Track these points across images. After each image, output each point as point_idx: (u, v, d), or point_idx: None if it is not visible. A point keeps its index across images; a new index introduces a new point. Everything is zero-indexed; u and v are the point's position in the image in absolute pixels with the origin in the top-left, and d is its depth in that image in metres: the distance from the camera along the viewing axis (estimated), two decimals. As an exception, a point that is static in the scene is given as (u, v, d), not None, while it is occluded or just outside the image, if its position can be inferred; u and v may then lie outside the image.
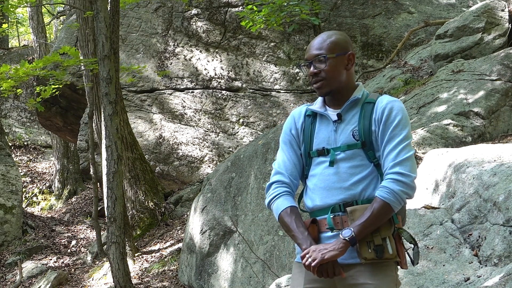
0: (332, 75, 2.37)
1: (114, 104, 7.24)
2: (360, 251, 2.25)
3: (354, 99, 2.38)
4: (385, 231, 2.26)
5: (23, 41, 25.29)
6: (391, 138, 2.31)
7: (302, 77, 11.39)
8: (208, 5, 11.89)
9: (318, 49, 2.38)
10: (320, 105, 2.46)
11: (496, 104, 6.50)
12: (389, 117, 2.32)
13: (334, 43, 2.39)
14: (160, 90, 11.95)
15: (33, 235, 11.61)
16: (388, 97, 2.40)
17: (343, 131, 2.37)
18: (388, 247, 2.24)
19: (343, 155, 2.35)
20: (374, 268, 2.26)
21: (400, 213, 2.37)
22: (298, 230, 2.31)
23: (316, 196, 2.38)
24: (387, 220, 2.27)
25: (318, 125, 2.44)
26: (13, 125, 19.61)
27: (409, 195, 2.29)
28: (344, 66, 2.39)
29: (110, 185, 7.21)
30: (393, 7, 11.53)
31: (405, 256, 2.33)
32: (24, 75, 9.25)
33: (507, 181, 3.78)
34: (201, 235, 6.62)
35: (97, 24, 7.36)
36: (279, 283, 4.24)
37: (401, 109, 2.35)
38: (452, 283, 3.58)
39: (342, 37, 2.43)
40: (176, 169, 11.56)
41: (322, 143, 2.40)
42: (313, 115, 2.47)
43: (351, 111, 2.39)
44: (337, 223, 2.31)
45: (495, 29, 8.10)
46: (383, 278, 2.26)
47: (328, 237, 2.33)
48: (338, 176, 2.34)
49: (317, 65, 2.37)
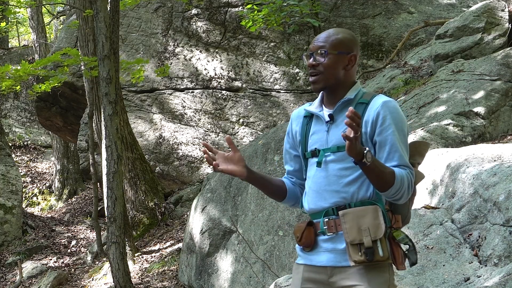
0: (328, 71, 2.34)
1: (114, 104, 7.24)
2: (350, 253, 2.23)
3: (345, 100, 2.35)
4: (375, 233, 2.22)
5: (23, 41, 25.30)
6: (386, 142, 2.26)
7: (302, 77, 11.40)
8: (208, 5, 11.89)
9: (322, 42, 2.37)
10: (317, 105, 2.45)
11: (496, 104, 6.51)
12: (384, 121, 2.27)
13: (339, 40, 2.36)
14: (160, 90, 11.95)
15: (33, 235, 11.61)
16: (383, 97, 2.34)
17: (334, 132, 2.34)
18: (379, 249, 2.21)
19: (333, 156, 2.32)
20: (366, 270, 2.24)
21: (399, 212, 2.36)
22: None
23: (310, 199, 2.39)
24: (378, 221, 2.23)
25: (313, 125, 2.43)
26: (13, 125, 19.62)
27: (411, 181, 2.26)
28: (343, 65, 2.36)
29: (110, 185, 7.20)
30: (393, 7, 11.53)
31: (401, 256, 2.29)
32: (24, 75, 9.26)
33: (507, 181, 3.78)
34: (201, 235, 6.62)
35: (97, 24, 7.36)
36: (279, 283, 4.23)
37: (396, 110, 2.29)
38: (452, 283, 3.58)
39: (350, 36, 2.40)
40: (176, 169, 11.56)
41: (315, 144, 2.39)
42: (310, 116, 2.46)
43: (343, 111, 2.34)
44: (331, 227, 2.30)
45: (495, 29, 8.10)
46: (374, 280, 2.24)
47: (324, 240, 2.34)
48: (328, 179, 2.33)
49: (317, 57, 2.35)
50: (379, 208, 2.26)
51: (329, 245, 2.32)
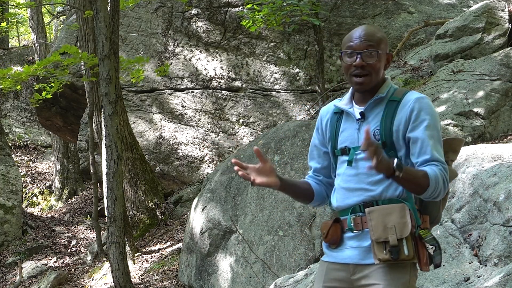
0: (377, 72, 2.30)
1: (114, 104, 7.24)
2: (375, 251, 2.22)
3: (377, 98, 2.32)
4: (402, 231, 2.21)
5: (23, 41, 25.29)
6: (418, 137, 2.24)
7: (302, 77, 11.40)
8: (208, 5, 11.89)
9: (370, 42, 2.28)
10: (347, 101, 2.40)
11: (496, 104, 6.51)
12: (418, 117, 2.25)
13: (383, 40, 2.32)
14: (160, 90, 11.95)
15: (33, 235, 11.61)
16: (415, 93, 2.33)
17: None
18: (404, 248, 2.20)
19: (364, 154, 2.29)
20: (388, 269, 2.23)
21: (428, 212, 2.34)
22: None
23: (339, 196, 2.38)
24: (405, 220, 2.21)
25: (343, 123, 2.40)
26: (13, 125, 19.61)
27: (446, 177, 2.23)
28: (384, 65, 2.34)
29: (110, 185, 7.20)
30: (393, 7, 11.53)
31: (426, 257, 2.26)
32: (24, 75, 9.27)
33: (507, 181, 3.78)
34: (201, 235, 6.62)
35: (97, 24, 7.36)
36: (279, 283, 4.23)
37: (429, 106, 2.28)
38: (452, 283, 3.58)
39: (385, 35, 2.38)
40: (176, 169, 11.56)
41: (345, 141, 2.37)
42: (340, 112, 2.42)
43: (375, 109, 2.33)
44: (357, 224, 2.30)
45: (495, 29, 8.10)
46: (394, 280, 2.22)
47: (350, 237, 2.33)
48: (358, 177, 2.32)
49: (366, 58, 2.28)
50: (407, 206, 2.24)
51: (354, 242, 2.31)
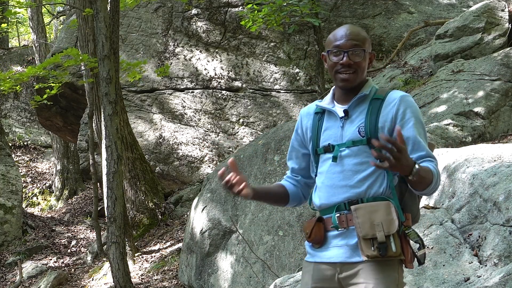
0: (362, 70, 2.36)
1: (114, 104, 7.24)
2: (362, 248, 2.23)
3: (361, 95, 2.36)
4: (389, 228, 2.23)
5: (23, 41, 25.29)
6: (409, 135, 2.28)
7: (302, 77, 11.40)
8: (208, 5, 11.89)
9: (355, 40, 2.34)
10: (329, 101, 2.45)
11: (496, 104, 6.51)
12: (404, 115, 2.30)
13: (367, 39, 2.39)
14: (160, 90, 11.95)
15: (33, 235, 11.61)
16: (398, 92, 2.38)
17: (349, 128, 2.35)
18: (391, 245, 2.22)
19: (348, 151, 2.33)
20: (375, 266, 2.24)
21: (409, 210, 2.36)
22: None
23: (322, 194, 2.39)
24: (391, 217, 2.24)
25: (325, 121, 2.43)
26: (13, 125, 19.61)
27: (440, 173, 2.28)
28: (367, 63, 2.39)
29: (110, 185, 7.21)
30: (393, 7, 11.53)
31: (410, 255, 2.30)
32: (25, 77, 9.28)
33: (507, 181, 3.78)
34: (201, 235, 6.62)
35: (97, 24, 7.36)
36: (279, 283, 4.23)
37: (413, 104, 2.34)
38: (452, 283, 3.58)
39: (367, 34, 2.45)
40: (176, 169, 11.56)
41: (329, 139, 2.39)
42: (322, 112, 2.46)
43: (359, 107, 2.37)
44: (342, 222, 2.31)
45: (495, 29, 8.10)
46: (384, 278, 2.24)
47: (334, 235, 2.33)
48: (343, 174, 2.33)
49: (353, 56, 2.33)
50: (392, 204, 2.26)
51: (340, 241, 2.32)
